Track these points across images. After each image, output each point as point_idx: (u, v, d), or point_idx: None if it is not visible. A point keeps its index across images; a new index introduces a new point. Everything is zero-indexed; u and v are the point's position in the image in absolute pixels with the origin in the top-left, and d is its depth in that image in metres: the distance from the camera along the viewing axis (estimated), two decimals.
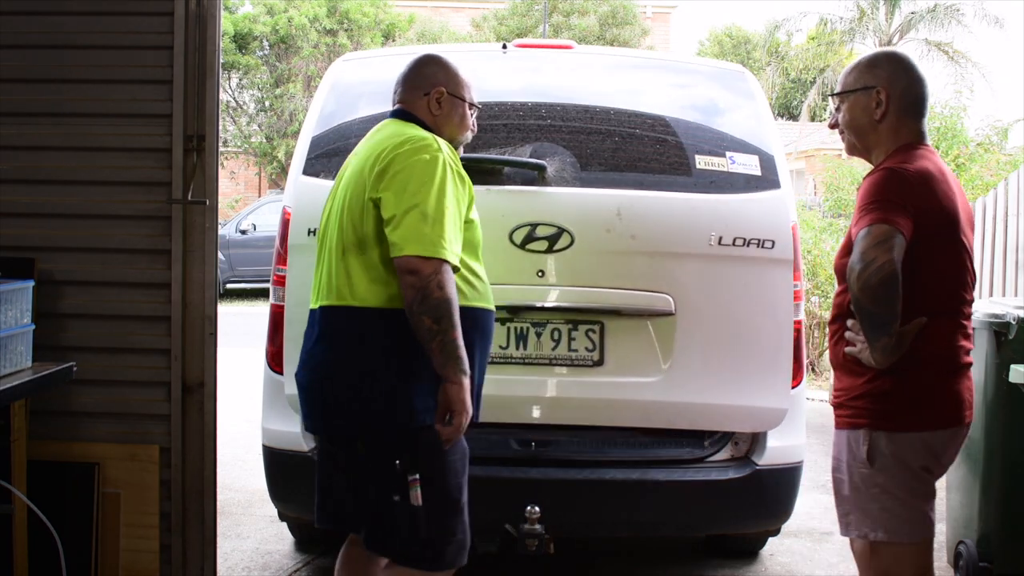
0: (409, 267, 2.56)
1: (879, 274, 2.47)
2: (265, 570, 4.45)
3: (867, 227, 2.53)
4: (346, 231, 2.71)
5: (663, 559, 4.72)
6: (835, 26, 27.83)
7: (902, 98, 2.72)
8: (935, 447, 2.68)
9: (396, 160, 2.65)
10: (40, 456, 3.47)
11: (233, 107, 23.90)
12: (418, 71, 2.96)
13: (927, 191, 2.60)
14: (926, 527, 2.70)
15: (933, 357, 2.64)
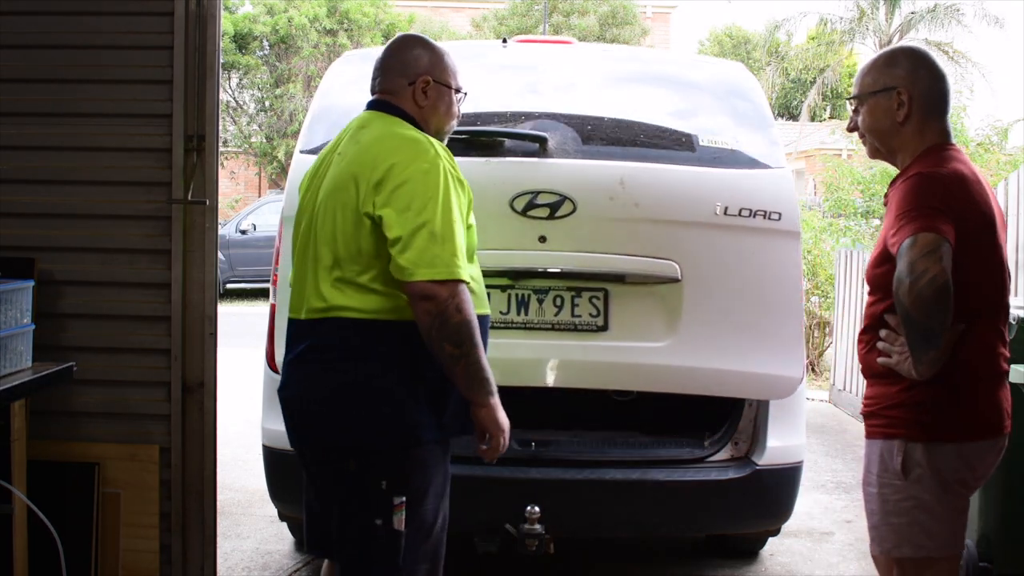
0: (424, 293, 2.41)
1: (932, 286, 2.33)
2: (265, 570, 4.45)
3: (912, 236, 2.39)
4: (337, 244, 2.51)
5: (663, 559, 4.72)
6: (835, 26, 27.85)
7: (925, 97, 2.60)
8: (971, 459, 2.56)
9: (394, 171, 2.45)
10: (40, 456, 3.47)
11: (233, 107, 23.90)
12: (401, 56, 2.72)
13: (964, 194, 2.51)
14: (956, 543, 2.60)
15: (972, 364, 2.53)
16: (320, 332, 2.54)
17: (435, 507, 2.61)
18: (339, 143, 2.68)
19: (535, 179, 3.56)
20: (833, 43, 27.75)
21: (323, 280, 2.54)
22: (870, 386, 2.69)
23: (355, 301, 2.50)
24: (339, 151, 2.63)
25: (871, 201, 12.24)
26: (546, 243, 3.54)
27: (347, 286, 2.51)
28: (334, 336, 2.52)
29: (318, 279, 2.55)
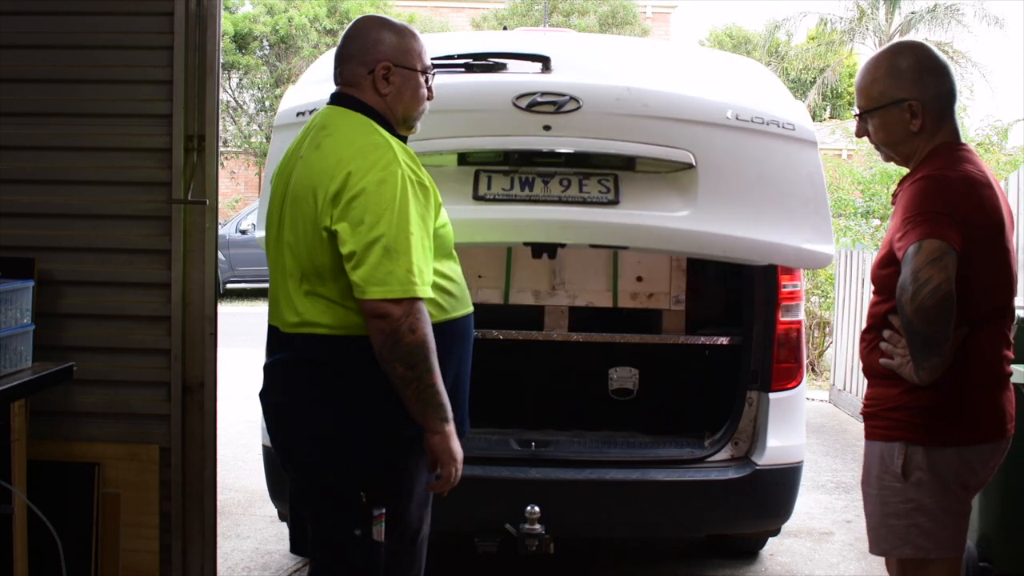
0: (377, 311, 2.29)
1: (935, 295, 2.30)
2: (265, 570, 4.45)
3: (918, 242, 2.36)
4: (302, 257, 2.42)
5: (663, 559, 4.72)
6: (835, 26, 27.85)
7: (936, 101, 2.55)
8: (973, 462, 2.54)
9: (349, 182, 2.32)
10: (40, 456, 3.47)
11: (233, 107, 23.90)
12: (359, 42, 2.52)
13: (973, 198, 2.47)
14: (955, 545, 2.58)
15: (975, 368, 2.51)
16: (296, 346, 2.46)
17: (419, 516, 2.56)
18: (302, 142, 2.54)
19: (538, 84, 3.42)
20: (833, 43, 27.76)
21: (294, 292, 2.45)
22: (871, 387, 2.66)
23: (327, 317, 2.41)
24: (301, 153, 2.50)
25: (871, 201, 12.24)
26: (551, 131, 3.37)
27: (318, 300, 2.41)
28: (310, 351, 2.43)
29: (289, 291, 2.46)
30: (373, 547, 2.40)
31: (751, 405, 3.82)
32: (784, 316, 3.83)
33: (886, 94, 2.56)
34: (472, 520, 3.56)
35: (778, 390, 3.82)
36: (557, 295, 4.19)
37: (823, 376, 10.05)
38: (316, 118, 2.57)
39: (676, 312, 4.19)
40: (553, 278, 4.18)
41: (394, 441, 2.43)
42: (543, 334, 4.18)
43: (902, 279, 2.36)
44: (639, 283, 4.21)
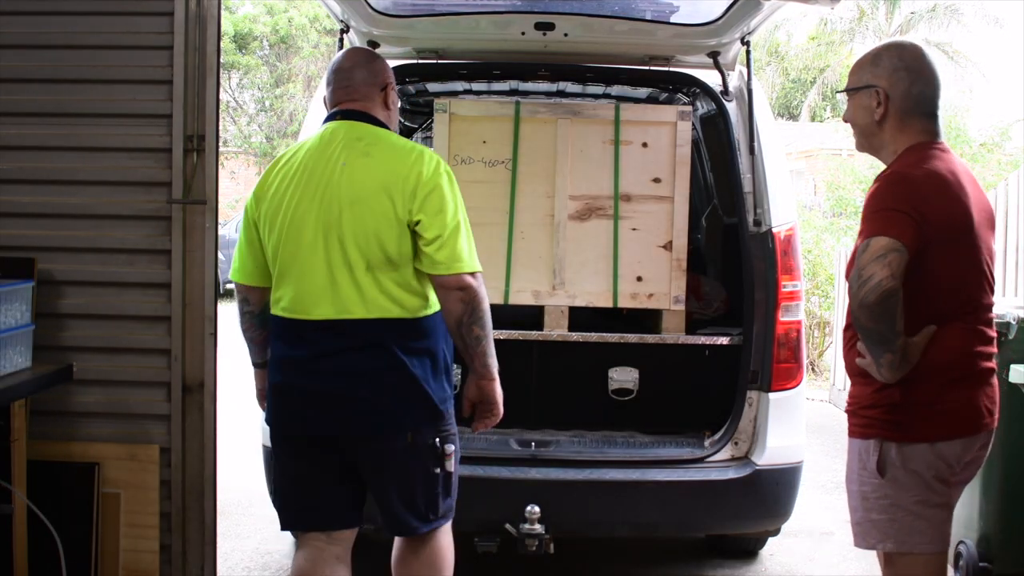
0: (460, 284, 2.76)
1: (876, 291, 2.40)
2: (265, 570, 4.45)
3: (867, 239, 2.46)
4: (370, 249, 2.75)
5: (663, 559, 4.72)
6: (835, 26, 27.84)
7: (904, 99, 2.62)
8: (948, 457, 2.58)
9: (422, 180, 2.76)
10: (40, 456, 3.47)
11: (233, 107, 23.91)
12: (370, 67, 2.97)
13: (936, 194, 2.52)
14: (938, 539, 2.61)
15: (943, 365, 2.55)
16: (366, 331, 2.78)
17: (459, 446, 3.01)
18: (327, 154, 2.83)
19: None
20: (833, 43, 27.75)
21: (360, 284, 2.77)
22: (852, 384, 2.73)
23: (393, 302, 2.78)
24: (344, 162, 2.80)
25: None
26: None
27: (389, 289, 2.78)
28: (384, 334, 2.78)
29: (353, 282, 2.77)
30: (449, 477, 2.92)
31: (751, 405, 3.82)
32: (784, 316, 3.83)
33: (862, 78, 2.68)
34: (472, 520, 3.56)
35: (778, 390, 3.83)
36: (557, 295, 4.19)
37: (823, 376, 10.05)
38: (338, 131, 2.88)
39: (676, 312, 4.19)
40: (553, 278, 4.19)
41: (443, 400, 2.88)
42: (543, 334, 4.18)
43: (851, 276, 2.47)
44: (639, 283, 4.21)
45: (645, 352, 4.25)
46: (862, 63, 2.70)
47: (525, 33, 4.16)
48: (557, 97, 5.01)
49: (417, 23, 4.19)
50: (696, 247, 4.84)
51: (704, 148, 4.81)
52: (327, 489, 2.91)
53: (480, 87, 4.95)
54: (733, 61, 4.42)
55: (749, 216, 3.98)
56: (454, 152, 4.14)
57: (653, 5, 4.36)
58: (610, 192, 4.22)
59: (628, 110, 4.30)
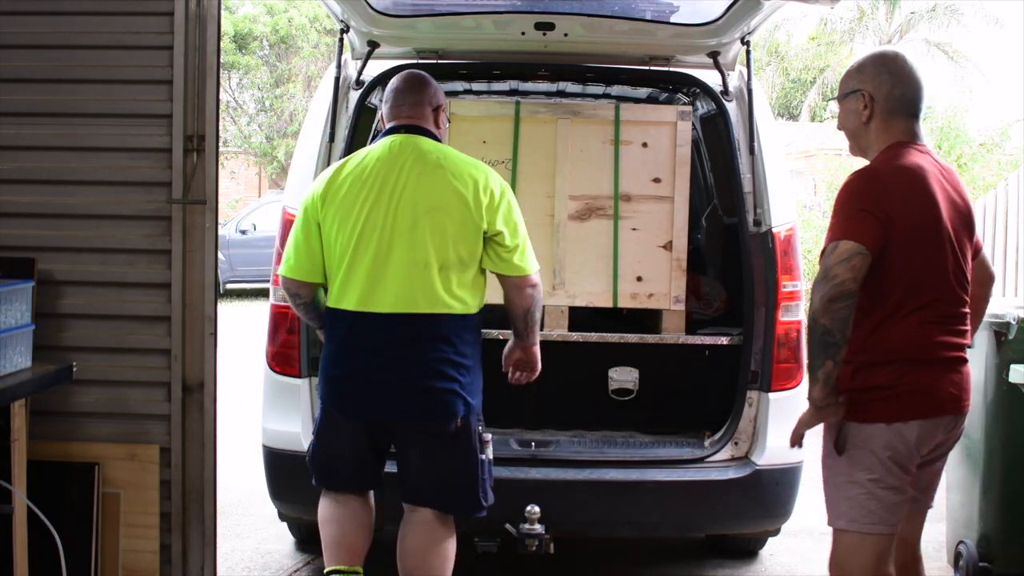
0: (531, 283, 3.28)
1: (839, 289, 2.58)
2: (265, 570, 4.45)
3: (835, 241, 2.63)
4: (444, 250, 3.13)
5: (663, 559, 4.72)
6: (835, 26, 27.83)
7: (887, 100, 2.80)
8: (908, 438, 2.70)
9: (495, 195, 3.20)
10: (40, 456, 3.46)
11: (233, 107, 23.92)
12: (428, 90, 3.36)
13: (902, 190, 2.68)
14: (886, 521, 2.72)
15: (901, 351, 2.69)
16: (430, 325, 3.15)
17: None
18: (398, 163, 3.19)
19: None
20: (833, 43, 27.74)
21: (426, 282, 3.13)
22: None
23: (456, 300, 3.17)
24: (420, 172, 3.17)
25: None
26: None
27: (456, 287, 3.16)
28: (445, 327, 3.16)
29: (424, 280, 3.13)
30: (488, 463, 3.27)
31: (751, 405, 3.82)
32: (784, 316, 3.84)
33: (848, 85, 2.88)
34: (472, 520, 3.56)
35: (778, 390, 3.83)
36: (557, 295, 4.19)
37: None
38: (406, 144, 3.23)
39: (676, 312, 4.19)
40: (553, 278, 4.19)
41: (481, 390, 3.28)
42: (543, 334, 4.17)
43: (817, 275, 2.64)
44: (639, 283, 4.21)
45: (645, 352, 4.25)
46: (849, 72, 2.90)
47: (525, 33, 4.17)
48: (557, 97, 5.01)
49: (417, 23, 4.20)
50: (696, 247, 4.84)
51: (704, 148, 4.81)
52: (365, 461, 3.30)
53: (480, 87, 4.95)
54: (733, 61, 4.42)
55: (749, 216, 3.98)
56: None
57: (653, 5, 4.36)
58: (610, 192, 4.22)
59: (628, 110, 4.30)
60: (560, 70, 4.51)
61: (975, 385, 4.16)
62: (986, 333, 4.08)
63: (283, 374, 3.88)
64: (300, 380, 3.85)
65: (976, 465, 4.18)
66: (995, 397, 4.06)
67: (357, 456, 3.30)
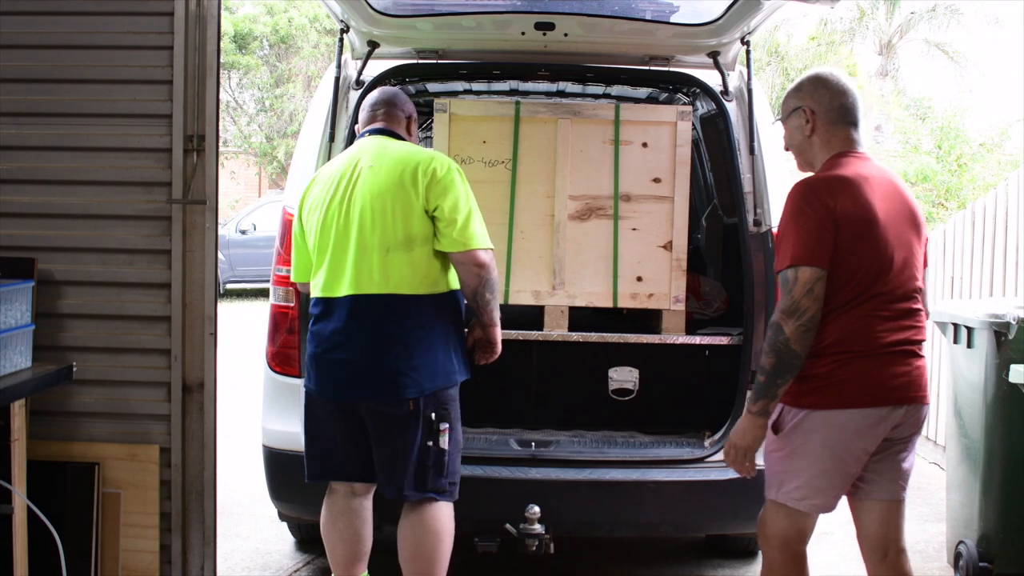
0: (476, 260, 3.27)
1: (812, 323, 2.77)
2: (265, 570, 4.45)
3: (794, 266, 2.78)
4: (388, 232, 3.23)
5: (663, 559, 4.72)
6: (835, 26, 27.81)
7: (827, 112, 2.97)
8: (839, 427, 2.83)
9: (437, 174, 3.27)
10: (40, 456, 3.47)
11: (233, 107, 23.91)
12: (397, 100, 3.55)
13: (841, 195, 2.82)
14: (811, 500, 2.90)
15: (840, 344, 2.81)
16: (378, 305, 3.23)
17: (461, 430, 3.39)
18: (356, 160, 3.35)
19: None
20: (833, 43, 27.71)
21: (377, 264, 3.23)
22: None
23: (413, 281, 3.24)
24: (370, 165, 3.32)
25: None
26: None
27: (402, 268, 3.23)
28: (394, 308, 3.23)
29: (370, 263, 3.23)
30: (441, 454, 3.28)
31: None
32: None
33: (788, 105, 3.05)
34: (472, 520, 3.56)
35: None
36: (557, 295, 4.19)
37: None
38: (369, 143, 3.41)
39: (676, 312, 4.19)
40: (553, 278, 4.19)
41: (448, 376, 3.30)
42: (543, 334, 4.18)
43: (785, 305, 2.78)
44: (639, 283, 4.21)
45: (645, 352, 4.25)
46: (788, 94, 3.06)
47: (525, 33, 4.16)
48: (557, 97, 5.01)
49: (417, 23, 4.20)
50: (696, 247, 4.84)
51: (704, 148, 4.82)
52: (348, 446, 3.36)
53: (480, 87, 4.95)
54: (733, 61, 4.42)
55: (749, 216, 3.98)
56: (454, 152, 4.14)
57: (653, 5, 4.36)
58: (610, 192, 4.22)
59: (628, 110, 4.30)
60: (560, 70, 4.51)
61: (975, 385, 4.19)
62: (986, 333, 4.08)
63: (283, 374, 3.88)
64: (300, 380, 3.85)
65: (976, 465, 4.18)
66: (995, 397, 4.06)
67: (341, 440, 3.36)
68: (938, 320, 4.50)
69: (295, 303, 3.84)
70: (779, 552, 2.98)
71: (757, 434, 2.90)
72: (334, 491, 3.43)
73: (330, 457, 3.40)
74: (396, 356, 3.22)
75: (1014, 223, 5.86)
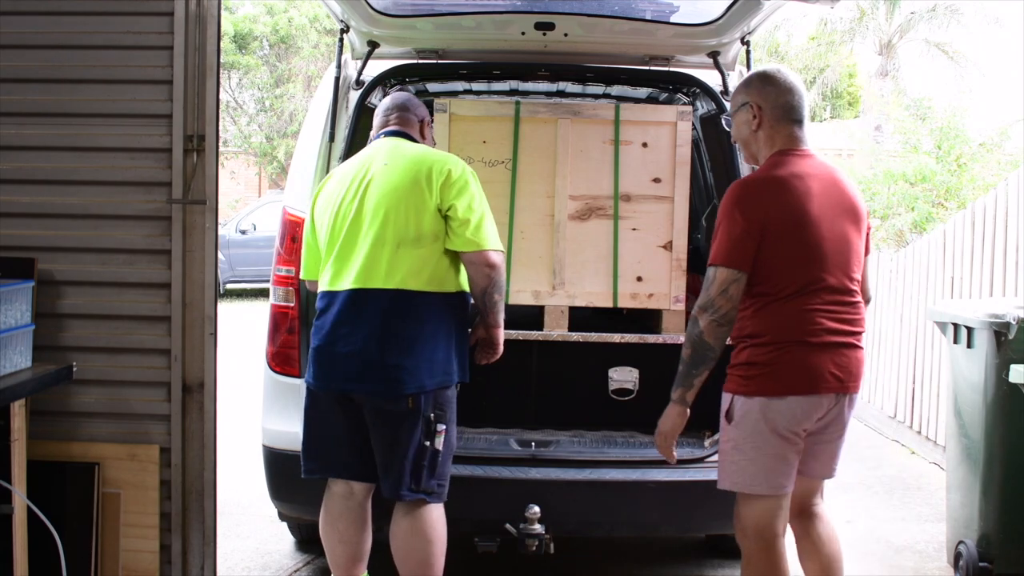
0: (487, 260, 3.29)
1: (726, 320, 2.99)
2: (265, 570, 4.45)
3: (715, 267, 3.00)
4: (399, 228, 3.25)
5: (663, 559, 4.72)
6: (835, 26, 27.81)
7: (773, 108, 3.12)
8: (782, 412, 3.01)
9: (451, 175, 3.30)
10: (40, 456, 3.47)
11: (233, 107, 23.90)
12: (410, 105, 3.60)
13: (774, 197, 3.02)
14: (765, 484, 3.06)
15: (779, 333, 3.00)
16: (384, 300, 3.24)
17: (455, 432, 3.38)
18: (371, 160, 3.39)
19: None
20: (833, 43, 27.71)
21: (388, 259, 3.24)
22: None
23: (412, 277, 3.25)
24: (384, 163, 3.36)
25: (872, 201, 12.23)
26: None
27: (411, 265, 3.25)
28: (399, 303, 3.24)
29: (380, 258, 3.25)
30: (436, 455, 3.28)
31: None
32: None
33: (737, 100, 3.21)
34: (472, 520, 3.56)
35: None
36: (557, 295, 4.19)
37: None
38: (383, 144, 3.45)
39: (676, 312, 4.19)
40: (553, 278, 4.19)
41: (449, 375, 3.30)
42: (543, 334, 4.18)
43: (702, 301, 3.01)
44: (639, 283, 4.21)
45: (645, 352, 4.25)
46: (738, 89, 3.24)
47: (525, 33, 4.16)
48: (557, 97, 5.01)
49: (417, 23, 4.20)
50: (696, 247, 4.84)
51: (704, 148, 4.81)
52: (348, 443, 3.35)
53: (480, 87, 4.95)
54: (733, 61, 4.42)
55: None
56: (454, 152, 4.13)
57: (653, 5, 4.36)
58: (610, 192, 4.22)
59: (628, 110, 4.30)
60: (560, 70, 4.51)
61: (975, 385, 4.19)
62: (986, 333, 4.08)
63: (283, 374, 3.88)
64: (300, 380, 3.85)
65: (976, 465, 4.18)
66: (995, 397, 4.06)
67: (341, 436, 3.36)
68: (938, 320, 4.50)
69: (295, 303, 3.84)
70: (754, 542, 3.10)
71: (676, 421, 3.13)
72: (332, 492, 3.42)
73: (329, 453, 3.39)
74: (397, 351, 3.22)
75: (1014, 223, 5.85)
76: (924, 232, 10.49)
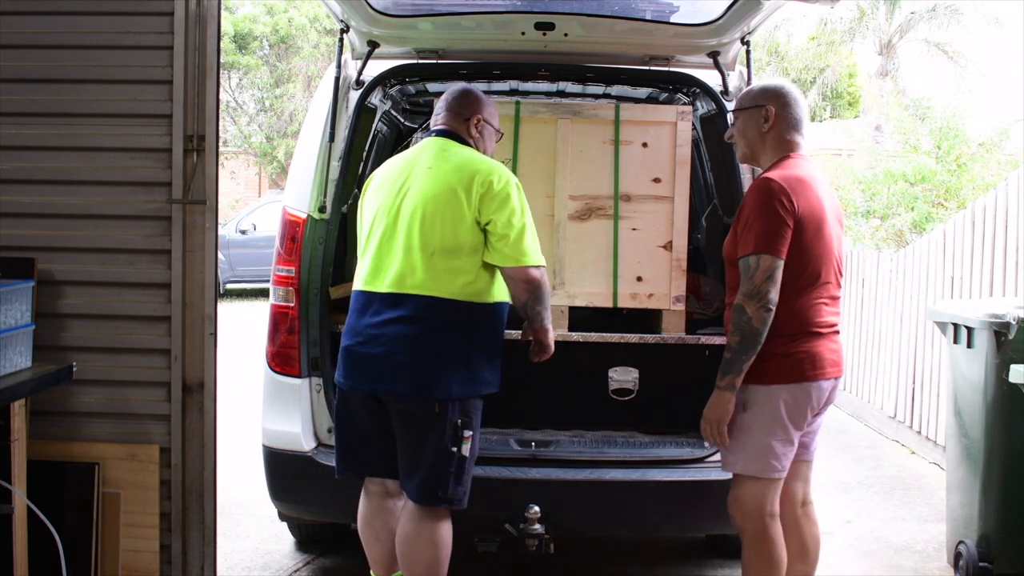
0: (527, 276, 3.30)
1: (772, 304, 3.11)
2: (265, 570, 4.45)
3: (756, 254, 3.12)
4: (434, 237, 3.24)
5: (663, 559, 4.72)
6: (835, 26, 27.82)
7: (786, 120, 3.31)
8: (800, 397, 3.20)
9: (494, 187, 3.25)
10: (40, 456, 3.47)
11: (233, 107, 23.91)
12: (459, 101, 3.51)
13: (802, 195, 3.17)
14: (775, 468, 3.21)
15: (797, 324, 3.19)
16: (418, 305, 3.24)
17: (479, 440, 3.38)
18: (416, 160, 3.39)
19: None
20: (833, 43, 27.72)
21: (421, 266, 3.24)
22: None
23: (453, 287, 3.25)
24: (428, 166, 3.34)
25: (872, 201, 12.23)
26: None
27: (446, 273, 3.24)
28: (433, 310, 3.24)
29: (413, 264, 3.24)
30: (463, 461, 3.27)
31: None
32: None
33: (753, 101, 3.36)
34: (472, 520, 3.56)
35: None
36: (557, 295, 4.19)
37: None
38: (429, 144, 3.44)
39: (676, 312, 4.19)
40: (553, 278, 4.19)
41: (477, 385, 3.29)
42: None
43: (747, 289, 3.13)
44: (639, 283, 4.21)
45: (645, 352, 4.25)
46: (754, 91, 3.40)
47: (525, 33, 4.16)
48: (557, 97, 5.01)
49: (417, 23, 4.20)
50: (696, 247, 4.84)
51: (704, 148, 4.81)
52: (379, 442, 3.35)
53: (480, 87, 4.95)
54: (733, 61, 4.42)
55: None
56: None
57: (653, 5, 4.37)
58: (610, 192, 4.22)
59: (628, 110, 4.30)
60: (560, 70, 4.51)
61: (975, 385, 4.19)
62: (986, 333, 4.08)
63: (283, 374, 3.88)
64: (300, 380, 3.86)
65: (976, 465, 4.18)
66: (995, 397, 4.06)
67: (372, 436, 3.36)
68: (938, 320, 4.50)
69: (295, 303, 3.85)
70: (760, 522, 3.23)
71: (726, 407, 3.18)
72: (369, 491, 3.44)
73: (360, 453, 3.40)
74: (429, 356, 3.22)
75: (1014, 223, 5.85)
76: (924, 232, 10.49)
